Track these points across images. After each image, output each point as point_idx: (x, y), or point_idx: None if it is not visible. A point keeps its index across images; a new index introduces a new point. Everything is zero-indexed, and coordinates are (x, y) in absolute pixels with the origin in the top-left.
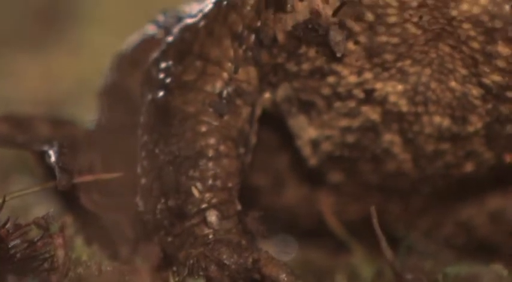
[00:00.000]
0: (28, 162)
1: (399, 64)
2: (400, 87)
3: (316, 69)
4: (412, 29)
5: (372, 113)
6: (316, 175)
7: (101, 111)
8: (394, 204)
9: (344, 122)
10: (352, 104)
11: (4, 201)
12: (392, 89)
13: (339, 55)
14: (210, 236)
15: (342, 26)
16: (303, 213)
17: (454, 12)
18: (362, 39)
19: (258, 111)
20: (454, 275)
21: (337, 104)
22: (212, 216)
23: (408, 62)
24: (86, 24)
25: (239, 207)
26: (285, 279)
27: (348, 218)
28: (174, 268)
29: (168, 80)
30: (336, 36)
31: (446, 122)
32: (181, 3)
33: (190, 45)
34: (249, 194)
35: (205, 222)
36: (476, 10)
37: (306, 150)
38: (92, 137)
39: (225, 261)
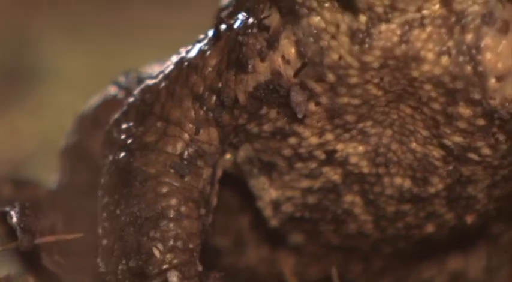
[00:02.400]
0: None
1: (360, 125)
2: (361, 148)
3: (277, 130)
4: (373, 90)
5: (333, 174)
6: (277, 236)
7: (63, 172)
8: (355, 264)
9: (305, 183)
10: (313, 165)
11: None
12: (353, 150)
13: (300, 116)
14: None
15: (303, 86)
16: (264, 274)
17: (415, 73)
18: (323, 100)
19: (219, 172)
20: None
21: (298, 165)
22: (173, 277)
23: (369, 123)
24: (48, 84)
25: (200, 268)
26: None
27: (309, 278)
28: None
29: (129, 141)
30: (297, 97)
31: (407, 183)
32: (142, 64)
33: (152, 106)
34: (210, 255)
35: None
36: (437, 71)
37: (267, 211)
38: (54, 197)
39: None
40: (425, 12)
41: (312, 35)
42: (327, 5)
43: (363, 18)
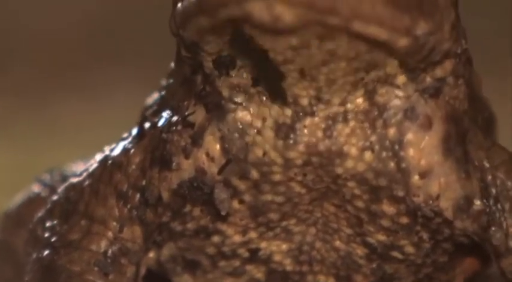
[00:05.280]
0: None
1: (284, 223)
2: (284, 246)
3: (201, 229)
4: (296, 187)
5: (257, 272)
6: None
7: None
8: None
9: (229, 281)
10: (236, 263)
11: None
12: (277, 248)
13: (223, 214)
14: None
15: (227, 184)
16: None
17: (339, 170)
18: (247, 197)
19: (143, 270)
20: None
21: (222, 263)
22: None
23: (293, 221)
24: None
25: None
26: None
27: None
28: None
29: (53, 239)
30: (220, 194)
31: (330, 281)
32: (67, 161)
33: (76, 205)
34: None
35: None
36: (361, 167)
37: None
38: None
39: None
40: (348, 105)
41: (237, 131)
42: (254, 98)
43: (288, 112)
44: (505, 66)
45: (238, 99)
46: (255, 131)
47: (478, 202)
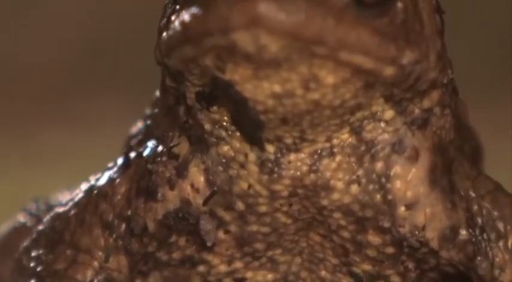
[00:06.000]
0: None
1: (269, 253)
2: (270, 276)
3: (187, 258)
4: (282, 218)
5: None
6: None
7: None
8: None
9: None
10: None
11: None
12: (262, 278)
13: (209, 244)
14: None
15: (212, 215)
16: None
17: (324, 202)
18: (232, 228)
19: None
20: None
21: None
22: None
23: (278, 251)
24: None
25: None
26: None
27: None
28: None
29: (39, 269)
30: (206, 225)
31: None
32: (54, 191)
33: (61, 234)
34: None
35: None
36: (347, 199)
37: None
38: None
39: None
40: (334, 141)
41: (221, 164)
42: (235, 134)
43: (271, 149)
44: (504, 98)
45: (220, 134)
46: (239, 165)
47: (463, 232)
